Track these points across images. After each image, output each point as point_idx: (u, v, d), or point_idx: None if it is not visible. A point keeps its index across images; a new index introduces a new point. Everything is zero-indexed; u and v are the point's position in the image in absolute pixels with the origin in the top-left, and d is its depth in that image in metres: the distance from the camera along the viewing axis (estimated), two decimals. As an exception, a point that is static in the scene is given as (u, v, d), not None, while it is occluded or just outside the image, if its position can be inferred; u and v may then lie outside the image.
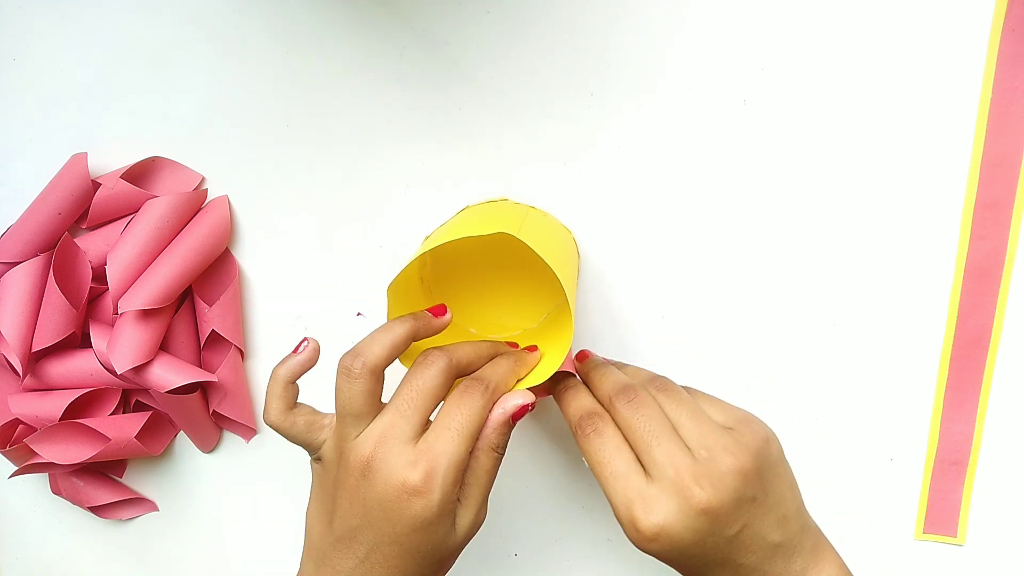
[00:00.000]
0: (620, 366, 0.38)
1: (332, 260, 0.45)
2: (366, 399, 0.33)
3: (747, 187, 0.40)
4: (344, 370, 0.33)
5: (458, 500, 0.34)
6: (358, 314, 0.45)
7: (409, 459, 0.32)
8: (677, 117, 0.39)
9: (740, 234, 0.40)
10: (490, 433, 0.34)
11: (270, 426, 0.35)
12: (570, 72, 0.40)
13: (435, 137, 0.42)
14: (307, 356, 0.36)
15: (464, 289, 0.42)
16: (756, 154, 0.39)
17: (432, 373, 0.34)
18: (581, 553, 0.47)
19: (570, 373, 0.38)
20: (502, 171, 0.42)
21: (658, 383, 0.35)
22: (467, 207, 0.42)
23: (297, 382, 0.36)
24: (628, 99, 0.40)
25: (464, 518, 0.34)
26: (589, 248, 0.42)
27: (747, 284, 0.41)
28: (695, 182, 0.40)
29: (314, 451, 0.35)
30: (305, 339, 0.36)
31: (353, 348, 0.34)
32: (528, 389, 0.35)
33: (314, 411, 0.36)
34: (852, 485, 0.42)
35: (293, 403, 0.35)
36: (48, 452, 0.44)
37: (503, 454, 0.35)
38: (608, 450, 0.32)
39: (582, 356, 0.39)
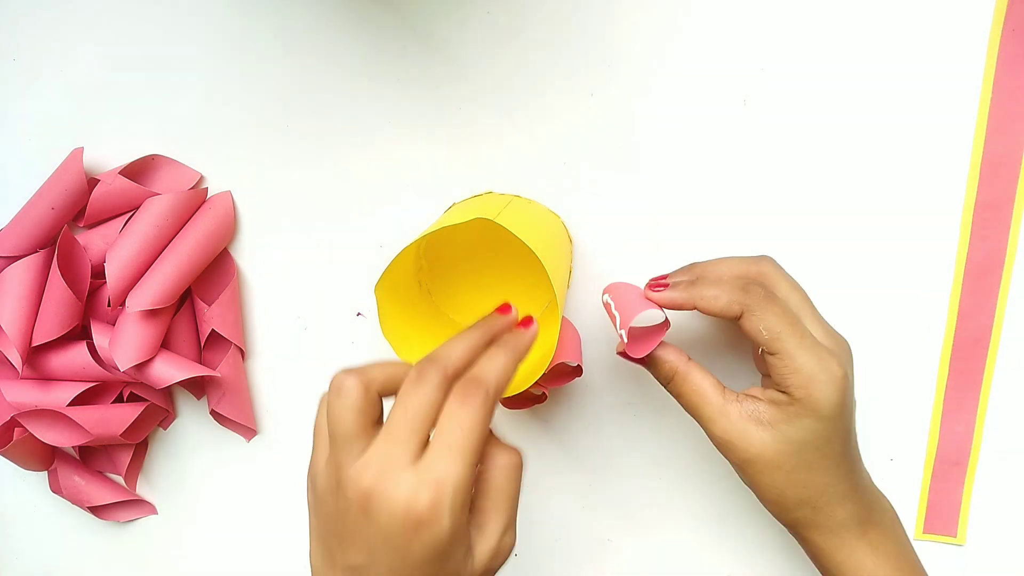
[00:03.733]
0: (699, 268, 0.37)
1: (332, 260, 0.45)
2: (356, 417, 0.30)
3: (747, 187, 0.40)
4: (334, 387, 0.30)
5: (477, 525, 0.31)
6: (358, 314, 0.45)
7: (410, 487, 0.28)
8: (677, 117, 0.39)
9: (740, 234, 0.40)
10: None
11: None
12: (570, 72, 0.40)
13: (435, 137, 0.42)
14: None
15: (463, 289, 0.42)
16: (756, 154, 0.39)
17: (427, 390, 0.30)
18: (581, 553, 0.47)
19: (541, 393, 0.38)
20: (502, 171, 0.42)
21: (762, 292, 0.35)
22: (453, 204, 0.42)
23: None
24: (628, 99, 0.40)
25: (484, 544, 0.31)
26: (589, 248, 0.42)
27: (747, 284, 0.41)
28: (695, 182, 0.40)
29: None
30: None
31: (347, 367, 0.32)
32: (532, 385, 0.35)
33: None
34: (852, 485, 0.42)
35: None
36: (45, 434, 0.44)
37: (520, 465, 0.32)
38: (787, 315, 0.33)
39: (657, 283, 0.36)
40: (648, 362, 0.36)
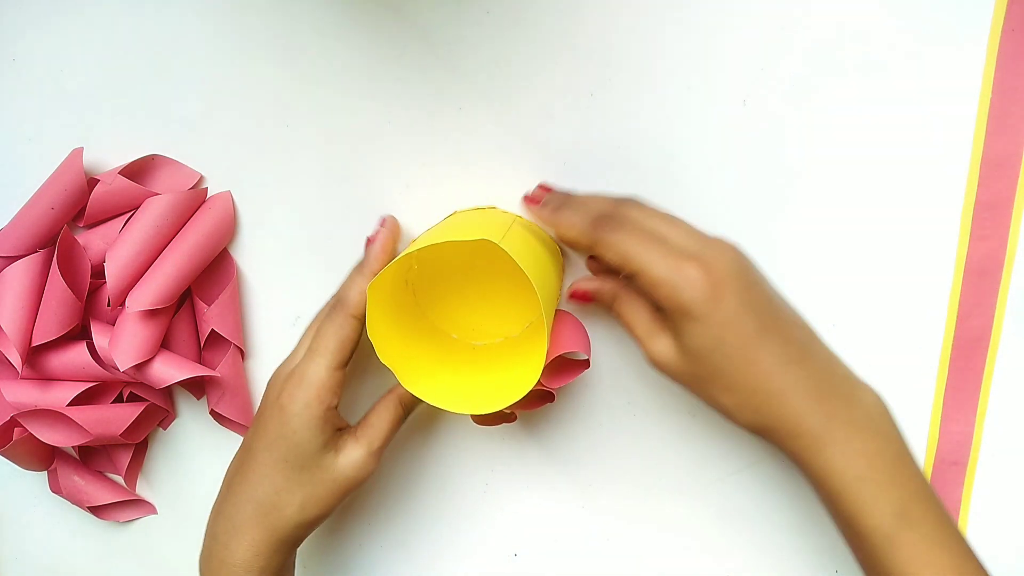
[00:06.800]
0: (576, 198, 0.39)
1: (331, 260, 0.45)
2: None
3: (747, 187, 0.40)
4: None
5: (354, 433, 0.38)
6: (358, 314, 0.45)
7: (285, 374, 0.38)
8: (677, 117, 0.40)
9: (739, 234, 0.40)
10: None
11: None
12: (570, 72, 0.40)
13: (435, 137, 0.42)
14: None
15: (449, 293, 0.42)
16: (756, 154, 0.39)
17: (319, 317, 0.40)
18: (581, 553, 0.47)
19: (549, 392, 0.39)
20: (501, 171, 0.42)
21: (628, 203, 0.37)
22: (455, 212, 0.42)
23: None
24: (628, 99, 0.40)
25: (353, 452, 0.38)
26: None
27: (747, 284, 0.41)
28: (694, 182, 0.40)
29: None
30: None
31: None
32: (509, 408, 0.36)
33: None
34: (852, 485, 0.42)
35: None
36: (45, 434, 0.44)
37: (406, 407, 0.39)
38: (639, 235, 0.34)
39: (538, 197, 0.39)
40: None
